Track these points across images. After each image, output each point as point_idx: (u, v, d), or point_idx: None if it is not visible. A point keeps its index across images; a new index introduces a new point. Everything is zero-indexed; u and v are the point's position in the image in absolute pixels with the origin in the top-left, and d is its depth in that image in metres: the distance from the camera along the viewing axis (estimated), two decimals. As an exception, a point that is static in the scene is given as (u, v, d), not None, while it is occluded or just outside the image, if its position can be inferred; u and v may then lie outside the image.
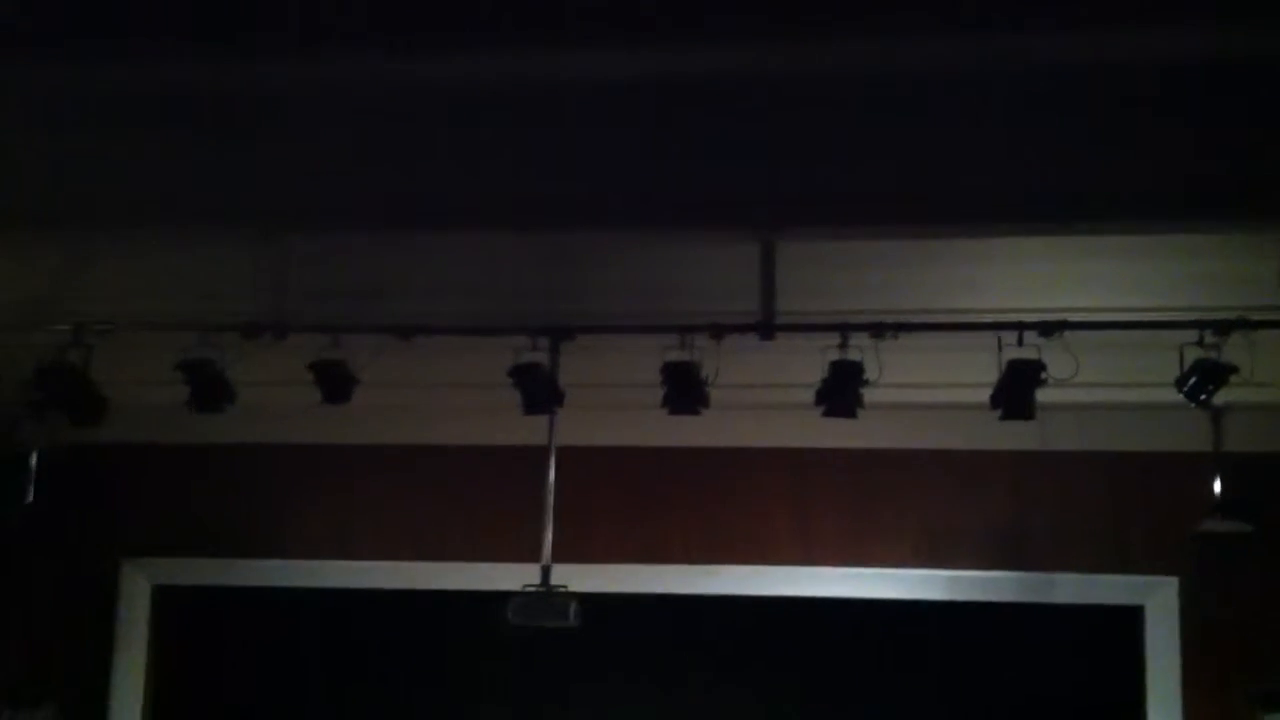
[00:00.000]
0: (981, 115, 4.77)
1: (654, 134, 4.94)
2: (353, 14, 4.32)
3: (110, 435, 6.18)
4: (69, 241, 5.89)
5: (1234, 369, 5.24)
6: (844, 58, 4.20)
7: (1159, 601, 6.58)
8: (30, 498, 6.50)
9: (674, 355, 5.44)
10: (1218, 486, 6.38)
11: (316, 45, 4.36)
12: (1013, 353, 5.33)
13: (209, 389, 5.69)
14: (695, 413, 5.57)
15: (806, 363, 5.46)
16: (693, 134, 4.93)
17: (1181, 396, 5.37)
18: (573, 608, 5.71)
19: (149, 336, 5.76)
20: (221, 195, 5.18)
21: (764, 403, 6.19)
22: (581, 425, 6.27)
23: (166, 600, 7.13)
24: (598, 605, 6.26)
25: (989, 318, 5.42)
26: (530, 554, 5.96)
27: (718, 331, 5.44)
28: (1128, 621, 6.65)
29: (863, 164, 4.85)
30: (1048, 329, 5.32)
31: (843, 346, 5.40)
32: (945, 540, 6.73)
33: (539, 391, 5.59)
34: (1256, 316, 5.33)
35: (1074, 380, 5.25)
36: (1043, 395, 5.40)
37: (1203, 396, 5.35)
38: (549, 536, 5.95)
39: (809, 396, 5.51)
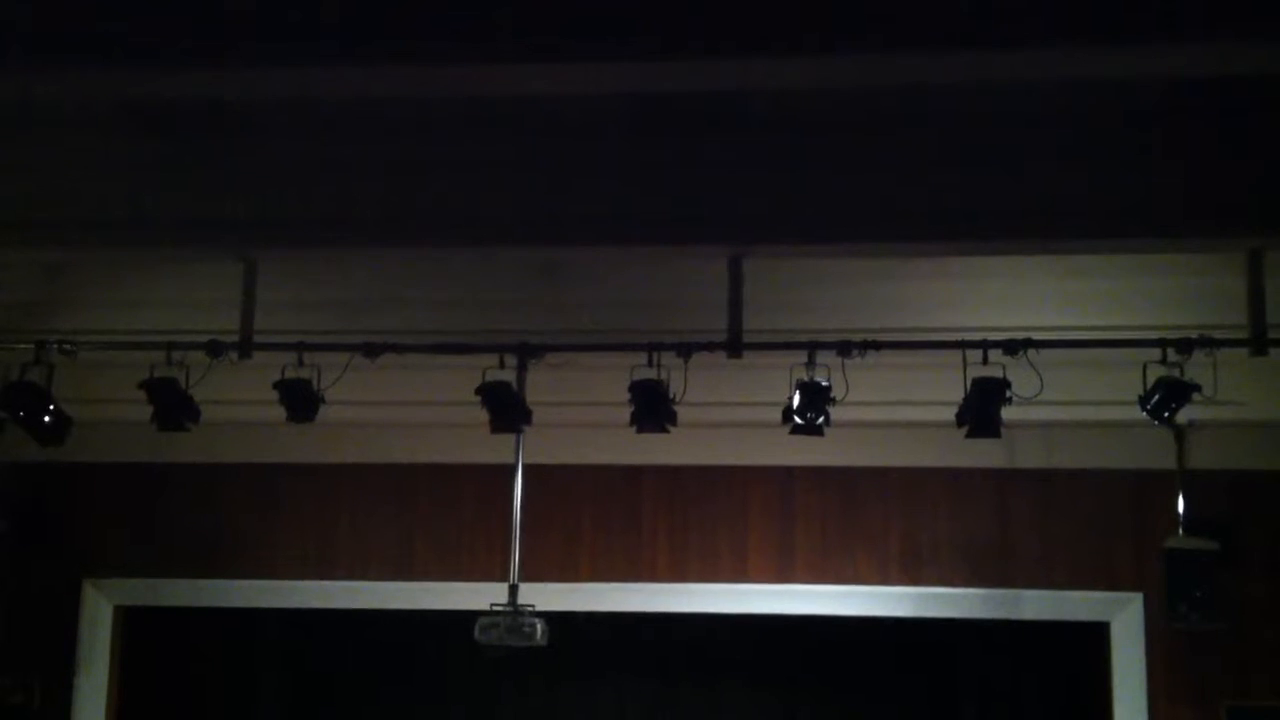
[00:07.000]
0: (945, 134, 4.79)
1: (623, 151, 4.94)
2: (323, 29, 4.31)
3: (74, 454, 6.11)
4: (35, 257, 5.83)
5: (1196, 387, 5.27)
6: (812, 77, 4.22)
7: (1125, 618, 6.61)
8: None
9: (641, 373, 5.44)
10: (1182, 504, 6.43)
11: (286, 60, 4.35)
12: (978, 370, 5.36)
13: (173, 408, 5.65)
14: (664, 430, 5.56)
15: (777, 380, 5.47)
16: (662, 151, 4.93)
17: (1145, 414, 5.41)
18: (539, 627, 5.68)
19: (114, 354, 5.72)
20: (190, 211, 5.14)
21: (736, 420, 6.19)
22: (559, 443, 6.27)
23: (130, 621, 7.06)
24: (573, 624, 6.25)
25: (955, 336, 5.45)
26: (506, 573, 5.95)
27: (685, 350, 5.44)
28: (1095, 637, 6.69)
29: (829, 183, 4.87)
30: (1012, 347, 5.34)
31: (810, 365, 5.41)
32: (918, 558, 6.75)
33: (506, 410, 5.57)
34: (1219, 335, 5.37)
35: (1039, 398, 5.27)
36: (1010, 413, 5.42)
37: (1166, 414, 5.38)
38: (516, 556, 5.93)
39: (779, 415, 5.52)
